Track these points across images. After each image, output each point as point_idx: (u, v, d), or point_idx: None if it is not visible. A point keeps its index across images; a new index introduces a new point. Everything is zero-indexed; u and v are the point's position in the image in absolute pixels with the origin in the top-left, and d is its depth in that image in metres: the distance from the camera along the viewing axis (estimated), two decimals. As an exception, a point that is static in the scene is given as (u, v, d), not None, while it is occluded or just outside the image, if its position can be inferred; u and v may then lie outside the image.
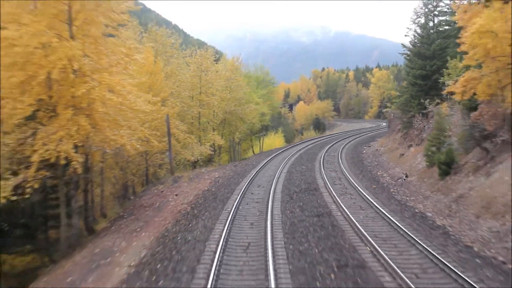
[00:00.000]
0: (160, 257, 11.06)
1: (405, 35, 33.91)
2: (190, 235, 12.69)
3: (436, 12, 29.76)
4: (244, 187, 19.48)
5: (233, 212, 14.60)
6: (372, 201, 16.06)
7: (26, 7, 14.71)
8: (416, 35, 30.65)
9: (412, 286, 8.33)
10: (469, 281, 8.57)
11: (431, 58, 27.72)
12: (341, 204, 15.44)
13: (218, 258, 10.10)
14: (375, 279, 8.90)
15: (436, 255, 10.07)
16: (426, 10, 30.11)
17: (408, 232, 11.99)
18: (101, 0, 15.17)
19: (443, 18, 29.79)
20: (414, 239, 11.42)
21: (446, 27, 29.77)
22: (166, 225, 14.90)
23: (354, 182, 20.29)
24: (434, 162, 19.84)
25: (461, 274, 8.92)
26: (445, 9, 29.85)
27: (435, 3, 29.42)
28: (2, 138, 14.93)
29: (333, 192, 17.70)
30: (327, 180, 20.57)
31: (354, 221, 13.07)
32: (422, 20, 30.36)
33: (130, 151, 17.03)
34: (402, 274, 8.84)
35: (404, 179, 21.66)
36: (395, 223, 12.98)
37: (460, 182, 17.06)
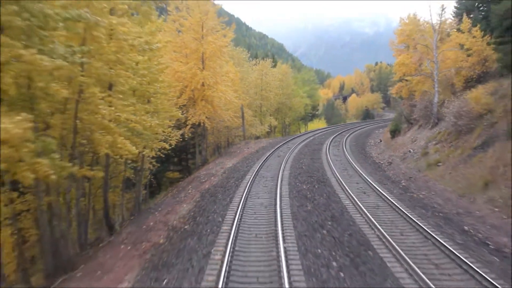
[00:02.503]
0: (245, 160, 28.41)
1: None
2: (255, 156, 29.91)
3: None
4: (284, 143, 36.49)
5: (275, 149, 31.71)
6: (345, 149, 32.14)
7: (182, 54, 32.69)
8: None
9: (332, 164, 24.58)
10: (361, 171, 24.60)
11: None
12: (328, 149, 31.69)
13: (266, 159, 27.11)
14: (321, 163, 25.35)
15: (351, 160, 26.16)
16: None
17: (347, 155, 28.14)
18: (216, 51, 32.62)
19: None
20: (348, 156, 27.54)
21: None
22: (245, 155, 32.23)
23: (344, 144, 36.22)
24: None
25: (355, 165, 24.96)
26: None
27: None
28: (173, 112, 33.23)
29: (329, 146, 33.95)
30: (330, 142, 36.70)
31: (329, 152, 29.41)
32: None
33: (226, 122, 34.75)
34: (331, 162, 25.16)
35: (378, 143, 37.12)
36: (346, 154, 29.15)
37: (395, 140, 32.55)
